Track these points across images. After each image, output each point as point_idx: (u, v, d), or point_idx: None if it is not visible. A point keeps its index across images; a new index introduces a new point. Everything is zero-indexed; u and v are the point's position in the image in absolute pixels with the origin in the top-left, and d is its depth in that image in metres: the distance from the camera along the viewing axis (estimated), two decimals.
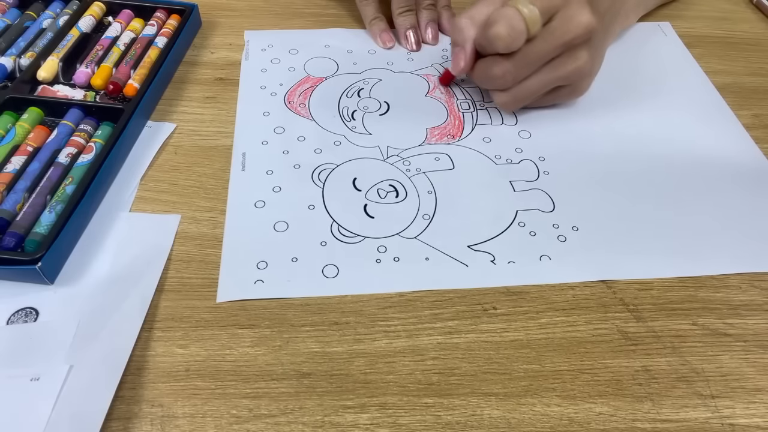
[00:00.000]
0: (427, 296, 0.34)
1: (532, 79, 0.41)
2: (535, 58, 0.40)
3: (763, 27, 0.57)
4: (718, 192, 0.41)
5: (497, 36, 0.38)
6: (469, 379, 0.31)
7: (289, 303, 0.34)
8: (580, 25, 0.38)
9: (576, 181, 0.41)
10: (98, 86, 0.44)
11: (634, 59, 0.52)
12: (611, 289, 0.35)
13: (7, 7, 0.50)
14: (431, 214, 0.38)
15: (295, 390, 0.30)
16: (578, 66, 0.41)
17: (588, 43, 0.40)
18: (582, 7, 0.39)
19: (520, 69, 0.40)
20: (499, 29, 0.38)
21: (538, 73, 0.41)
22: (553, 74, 0.41)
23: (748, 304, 0.35)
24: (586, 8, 0.39)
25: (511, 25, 0.38)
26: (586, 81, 0.43)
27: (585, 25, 0.38)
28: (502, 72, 0.40)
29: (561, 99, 0.45)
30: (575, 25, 0.38)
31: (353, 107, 0.46)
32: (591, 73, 0.43)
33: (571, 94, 0.44)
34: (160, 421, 0.29)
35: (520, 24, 0.38)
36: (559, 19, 0.39)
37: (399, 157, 0.42)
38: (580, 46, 0.40)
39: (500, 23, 0.38)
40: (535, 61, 0.40)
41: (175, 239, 0.36)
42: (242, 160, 0.41)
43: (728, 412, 0.30)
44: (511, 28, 0.38)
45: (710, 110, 0.48)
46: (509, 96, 0.43)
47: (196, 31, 0.52)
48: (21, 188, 0.36)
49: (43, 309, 0.32)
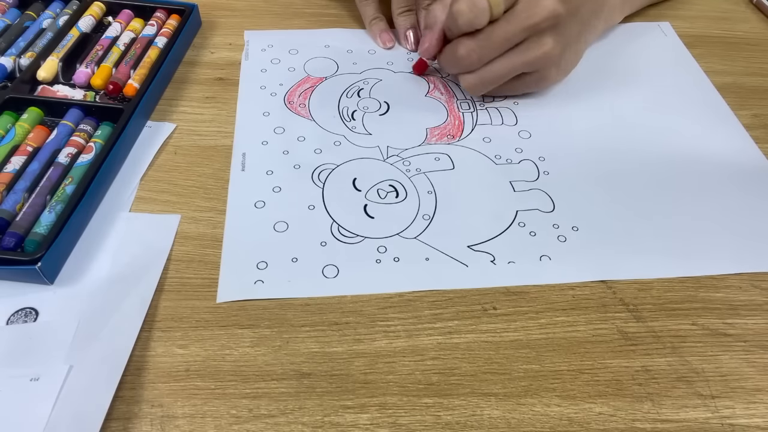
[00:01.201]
0: (427, 296, 0.34)
1: (497, 62, 0.42)
2: (498, 40, 0.40)
3: (763, 27, 0.57)
4: (718, 192, 0.41)
5: (459, 11, 0.39)
6: (469, 379, 0.31)
7: (289, 303, 0.34)
8: (545, 8, 0.39)
9: (576, 181, 0.41)
10: (98, 86, 0.44)
11: (634, 59, 0.52)
12: (611, 289, 0.35)
13: (7, 7, 0.50)
14: (431, 214, 0.38)
15: (295, 390, 0.30)
16: (544, 51, 0.41)
17: (554, 29, 0.41)
18: None
19: (485, 49, 0.41)
20: (460, 5, 0.39)
21: (503, 56, 0.42)
22: (519, 59, 0.41)
23: (748, 304, 0.35)
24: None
25: (472, 2, 0.39)
26: (554, 69, 0.44)
27: (550, 10, 0.39)
28: (466, 51, 0.41)
29: (530, 87, 0.45)
30: (541, 8, 0.39)
31: (353, 107, 0.46)
32: (560, 62, 0.43)
33: (540, 81, 0.45)
34: (160, 421, 0.29)
35: (481, 2, 0.38)
36: (523, 2, 0.39)
37: (399, 157, 0.42)
38: (546, 32, 0.41)
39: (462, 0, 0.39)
40: (499, 43, 0.40)
41: (175, 239, 0.36)
42: (242, 160, 0.41)
43: (728, 412, 0.30)
44: (473, 4, 0.39)
45: (710, 110, 0.47)
46: (476, 77, 0.43)
47: (196, 31, 0.52)
48: (21, 188, 0.36)
49: (42, 309, 0.32)
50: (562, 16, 0.40)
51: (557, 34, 0.41)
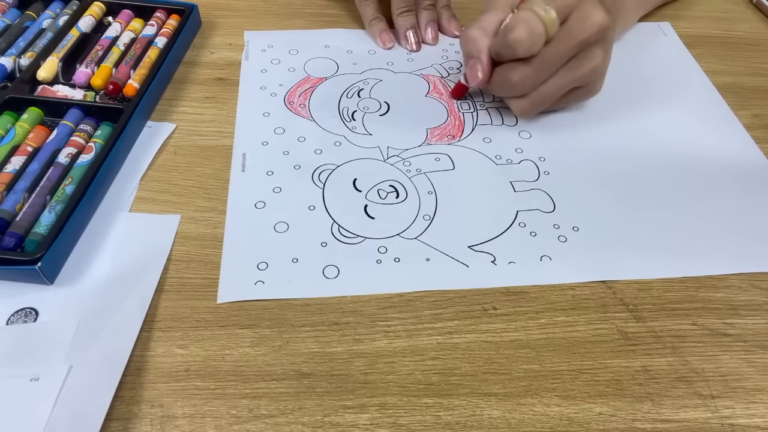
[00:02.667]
0: (427, 296, 0.34)
1: (550, 82, 0.41)
2: (553, 60, 0.39)
3: (763, 27, 0.57)
4: (719, 192, 0.41)
5: (518, 40, 0.37)
6: (469, 379, 0.31)
7: (289, 303, 0.34)
8: (594, 23, 0.38)
9: (576, 181, 0.41)
10: (98, 86, 0.44)
11: (634, 59, 0.52)
12: (611, 289, 0.35)
13: (7, 7, 0.50)
14: (432, 214, 0.38)
15: (295, 390, 0.30)
16: (595, 65, 0.41)
17: (602, 41, 0.40)
18: (595, 6, 0.39)
19: (539, 72, 0.40)
20: (519, 33, 0.37)
21: (555, 75, 0.40)
22: (571, 75, 0.41)
23: (748, 304, 0.35)
24: (599, 6, 0.39)
25: (530, 29, 0.37)
26: (600, 80, 0.43)
27: (599, 23, 0.38)
28: (521, 78, 0.40)
29: (576, 100, 0.45)
30: (590, 23, 0.38)
31: (353, 108, 0.46)
32: (604, 71, 0.43)
33: (587, 94, 0.44)
34: (159, 421, 0.29)
35: (539, 26, 0.37)
36: (575, 18, 0.38)
37: (399, 157, 0.42)
38: (595, 45, 0.40)
39: (519, 28, 0.37)
40: (553, 63, 0.40)
41: (175, 239, 0.36)
42: (242, 160, 0.41)
43: (728, 412, 0.30)
44: (531, 32, 0.37)
45: (710, 110, 0.48)
46: (528, 102, 0.42)
47: (196, 31, 0.52)
48: (21, 188, 0.36)
49: (42, 309, 0.32)
50: (610, 27, 0.39)
51: (604, 44, 0.40)
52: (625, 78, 0.50)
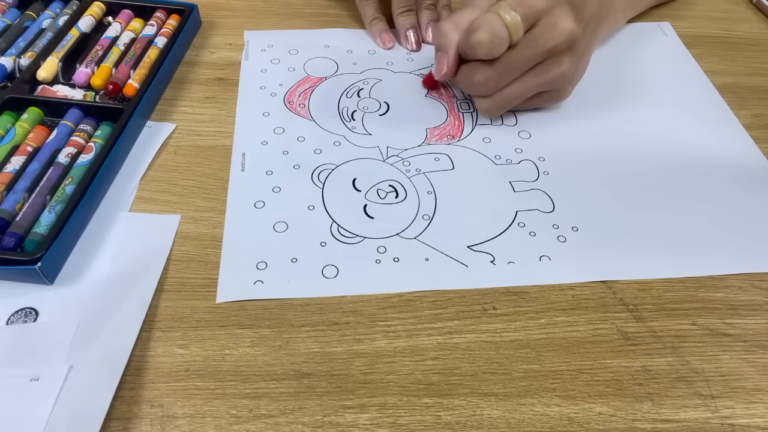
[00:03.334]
0: (427, 296, 0.34)
1: (514, 85, 0.41)
2: (517, 65, 0.39)
3: (763, 27, 0.57)
4: (718, 192, 0.41)
5: (479, 42, 0.38)
6: (469, 379, 0.31)
7: (289, 303, 0.34)
8: (563, 32, 0.38)
9: (576, 181, 0.41)
10: (98, 86, 0.44)
11: (634, 59, 0.52)
12: (611, 289, 0.35)
13: (7, 7, 0.50)
14: (431, 214, 0.38)
15: (295, 390, 0.30)
16: (561, 72, 0.40)
17: (571, 49, 0.40)
18: (565, 14, 0.38)
19: (502, 76, 0.40)
20: (481, 35, 0.38)
21: (520, 79, 0.41)
22: (536, 81, 0.41)
23: (748, 304, 0.35)
24: (569, 15, 0.38)
25: (493, 32, 0.37)
26: (569, 86, 0.43)
27: (568, 32, 0.38)
28: (483, 78, 0.40)
29: (543, 104, 0.45)
30: (558, 32, 0.38)
31: (353, 107, 0.46)
32: (574, 78, 0.43)
33: (553, 99, 0.44)
34: (159, 421, 0.29)
35: (502, 31, 0.37)
36: (542, 25, 0.38)
37: (399, 157, 0.42)
38: (564, 53, 0.40)
39: (482, 29, 0.38)
40: (517, 68, 0.40)
41: (175, 239, 0.36)
42: (242, 160, 0.41)
43: (728, 412, 0.30)
44: (494, 35, 0.37)
45: (710, 110, 0.47)
46: (491, 102, 0.42)
47: (196, 31, 0.52)
48: (21, 188, 0.36)
49: (42, 309, 0.32)
50: (579, 36, 0.39)
51: (573, 52, 0.40)
52: (625, 78, 0.50)
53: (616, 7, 0.50)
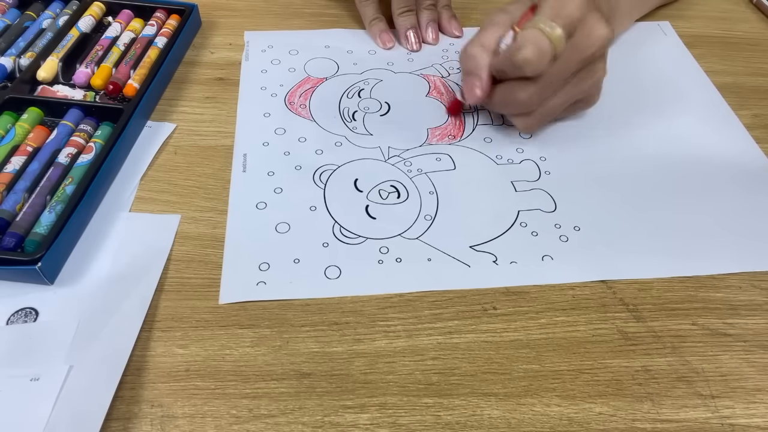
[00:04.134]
0: (427, 296, 0.34)
1: (554, 98, 0.40)
2: (560, 78, 0.39)
3: (763, 27, 0.57)
4: (719, 192, 0.41)
5: (527, 61, 0.36)
6: (469, 379, 0.31)
7: (289, 303, 0.34)
8: (599, 38, 0.38)
9: (577, 181, 0.41)
10: (98, 86, 0.44)
11: (634, 59, 0.52)
12: (611, 289, 0.35)
13: (7, 7, 0.50)
14: (433, 214, 0.38)
15: (295, 390, 0.30)
16: (597, 78, 0.40)
17: (604, 54, 0.40)
18: (598, 20, 0.38)
19: (546, 90, 0.39)
20: (527, 53, 0.36)
21: (560, 91, 0.40)
22: (575, 90, 0.40)
23: (748, 304, 0.35)
24: (602, 21, 0.38)
25: (538, 48, 0.36)
26: (600, 91, 0.43)
27: (603, 38, 0.38)
28: (527, 96, 0.39)
29: (578, 111, 0.44)
30: (595, 39, 0.38)
31: (354, 108, 0.46)
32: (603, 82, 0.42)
33: (586, 105, 0.44)
34: (160, 421, 0.29)
35: (547, 46, 0.36)
36: (579, 35, 0.38)
37: (400, 157, 0.42)
38: (599, 59, 0.40)
39: (527, 47, 0.36)
40: (558, 81, 0.39)
41: (175, 239, 0.36)
42: (243, 161, 0.41)
43: (728, 412, 0.30)
44: (539, 51, 0.36)
45: (710, 110, 0.48)
46: (533, 118, 0.41)
47: (196, 31, 0.52)
48: (21, 188, 0.36)
49: (42, 309, 0.32)
50: (611, 40, 0.39)
51: (604, 57, 0.40)
52: (625, 78, 0.50)
53: (622, 10, 0.50)
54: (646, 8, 0.56)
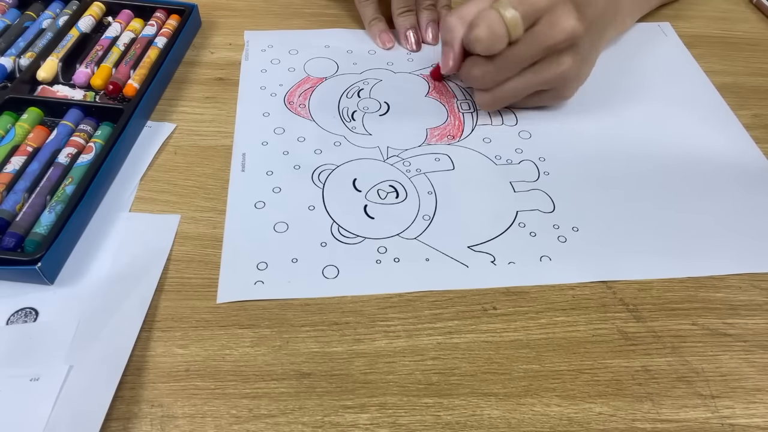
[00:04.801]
0: (427, 296, 0.34)
1: (512, 81, 0.41)
2: (515, 61, 0.40)
3: (763, 27, 0.57)
4: (719, 192, 0.41)
5: (477, 38, 0.38)
6: (469, 379, 0.31)
7: (289, 303, 0.34)
8: (564, 30, 0.38)
9: (576, 181, 0.41)
10: (98, 86, 0.44)
11: (634, 59, 0.52)
12: (611, 289, 0.35)
13: (7, 8, 0.50)
14: (431, 214, 0.38)
15: (295, 390, 0.30)
16: (562, 71, 0.40)
17: (573, 48, 0.40)
18: (567, 12, 0.38)
19: (500, 71, 0.40)
20: (479, 32, 0.38)
21: (519, 76, 0.41)
22: (535, 78, 0.41)
23: (748, 304, 0.35)
24: (571, 14, 0.38)
25: (491, 29, 0.38)
26: (571, 85, 0.43)
27: (569, 31, 0.38)
28: (481, 73, 0.41)
29: (545, 102, 0.45)
30: (559, 30, 0.38)
31: (353, 108, 0.46)
32: (577, 77, 0.42)
33: (555, 97, 0.44)
34: (159, 421, 0.29)
35: (500, 28, 0.37)
36: (543, 23, 0.38)
37: (399, 157, 0.42)
38: (564, 51, 0.40)
39: (481, 26, 0.38)
40: (515, 64, 0.40)
41: (175, 239, 0.36)
42: (242, 160, 0.41)
43: (728, 412, 0.30)
44: (491, 32, 0.38)
45: (710, 110, 0.47)
46: (489, 96, 0.43)
47: (195, 31, 0.52)
48: (21, 188, 0.36)
49: (42, 309, 0.32)
50: (581, 35, 0.39)
51: (575, 52, 0.40)
52: (625, 78, 0.50)
53: (624, 9, 0.49)
54: (648, 7, 0.56)
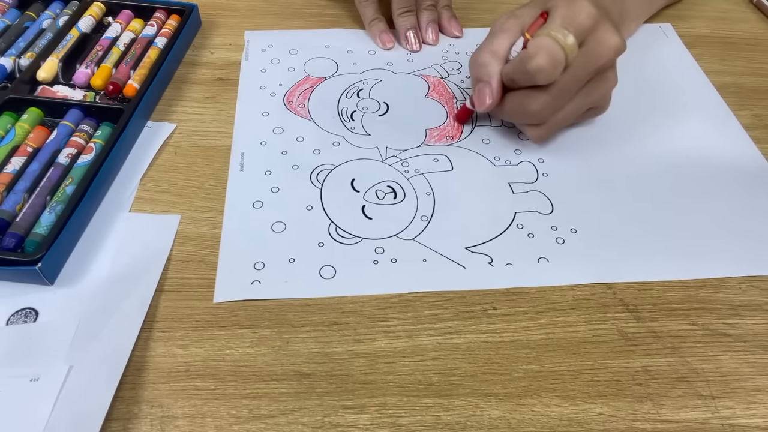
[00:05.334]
0: (427, 296, 0.34)
1: (567, 107, 0.40)
2: (572, 87, 0.38)
3: (763, 27, 0.57)
4: (719, 194, 0.41)
5: (539, 69, 0.36)
6: (469, 379, 0.31)
7: (289, 303, 0.34)
8: (611, 48, 0.37)
9: (575, 183, 0.41)
10: (98, 86, 0.44)
11: (635, 60, 0.51)
12: (611, 290, 0.35)
13: (7, 8, 0.50)
14: (429, 215, 0.38)
15: (295, 390, 0.30)
16: (608, 87, 0.40)
17: (615, 63, 0.40)
18: (609, 29, 0.37)
19: (558, 100, 0.39)
20: (540, 61, 0.36)
21: (572, 100, 0.39)
22: (587, 99, 0.40)
23: (748, 304, 0.35)
24: (613, 30, 0.38)
25: (552, 56, 0.36)
26: (610, 98, 0.42)
27: (615, 48, 0.38)
28: (540, 106, 0.38)
29: (586, 119, 0.44)
30: (607, 48, 0.37)
31: (353, 108, 0.46)
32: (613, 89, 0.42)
33: (598, 113, 0.43)
34: (159, 421, 0.29)
35: (560, 54, 0.36)
36: (592, 43, 0.37)
37: (398, 158, 0.42)
38: (610, 68, 0.39)
39: (540, 55, 0.36)
40: (571, 90, 0.38)
41: (175, 239, 0.36)
42: (241, 160, 0.41)
43: (728, 412, 0.30)
44: (552, 59, 0.36)
45: (710, 111, 0.47)
46: (545, 129, 0.41)
47: (196, 31, 0.52)
48: (21, 189, 0.36)
49: (42, 309, 0.32)
50: (624, 49, 0.38)
51: (615, 66, 0.40)
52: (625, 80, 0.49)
53: (630, 15, 0.49)
54: (651, 11, 0.55)
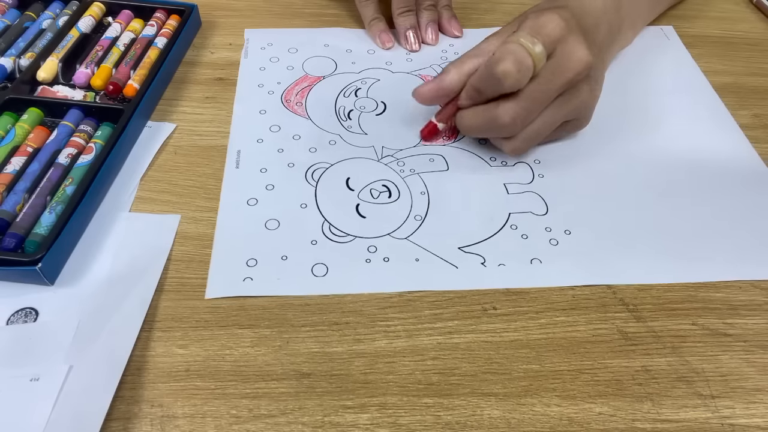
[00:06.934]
0: (426, 296, 0.34)
1: (538, 120, 0.39)
2: (541, 98, 0.38)
3: (763, 27, 0.57)
4: (716, 194, 0.41)
5: (506, 73, 0.35)
6: (469, 379, 0.31)
7: (289, 303, 0.34)
8: (580, 61, 0.37)
9: (570, 184, 0.41)
10: (98, 87, 0.44)
11: (635, 61, 0.51)
12: (611, 290, 0.35)
13: (7, 8, 0.50)
14: (423, 215, 0.38)
15: (295, 390, 0.30)
16: (582, 100, 0.40)
17: (587, 77, 0.39)
18: (579, 42, 0.37)
19: (529, 110, 0.38)
20: (507, 66, 0.35)
21: (543, 113, 0.39)
22: (560, 112, 0.40)
23: (748, 304, 0.35)
24: (582, 44, 0.37)
25: (519, 61, 0.35)
26: (590, 112, 0.42)
27: (584, 62, 0.37)
28: (510, 117, 0.38)
29: (567, 132, 0.43)
30: (576, 61, 0.37)
31: (350, 107, 0.46)
32: (593, 103, 0.42)
33: (577, 127, 0.43)
34: (160, 421, 0.29)
35: (527, 59, 0.36)
36: (559, 55, 0.37)
37: (393, 157, 0.42)
38: (581, 82, 0.39)
39: (507, 60, 0.35)
40: (542, 101, 0.38)
41: (175, 239, 0.36)
42: (237, 157, 0.41)
43: (728, 412, 0.30)
44: (520, 64, 0.35)
45: (710, 113, 0.47)
46: (519, 141, 0.40)
47: (195, 31, 0.52)
48: (21, 189, 0.36)
49: (42, 309, 0.32)
50: (592, 63, 0.38)
51: (589, 79, 0.40)
52: (623, 80, 0.49)
53: (627, 23, 0.49)
54: (650, 18, 0.55)
